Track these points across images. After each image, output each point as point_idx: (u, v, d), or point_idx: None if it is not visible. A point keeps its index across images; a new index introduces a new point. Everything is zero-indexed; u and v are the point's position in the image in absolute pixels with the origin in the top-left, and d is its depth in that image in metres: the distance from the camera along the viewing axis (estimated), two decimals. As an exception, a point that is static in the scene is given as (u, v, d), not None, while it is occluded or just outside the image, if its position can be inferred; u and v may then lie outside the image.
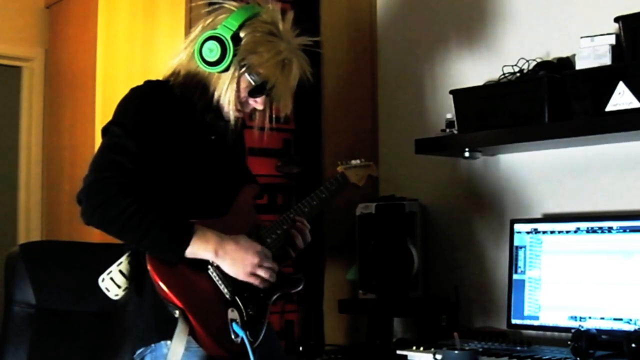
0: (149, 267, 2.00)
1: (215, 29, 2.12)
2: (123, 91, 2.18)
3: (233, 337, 2.02)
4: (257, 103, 2.19)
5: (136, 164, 2.01)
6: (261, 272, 2.09)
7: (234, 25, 2.11)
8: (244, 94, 2.17)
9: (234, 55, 2.10)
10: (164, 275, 2.00)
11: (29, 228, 3.93)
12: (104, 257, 2.14)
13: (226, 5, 2.19)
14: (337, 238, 3.40)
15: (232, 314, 2.05)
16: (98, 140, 2.13)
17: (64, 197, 3.69)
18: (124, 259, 2.11)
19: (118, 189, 1.97)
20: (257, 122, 2.27)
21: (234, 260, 2.06)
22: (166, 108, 2.12)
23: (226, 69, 2.11)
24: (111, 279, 2.10)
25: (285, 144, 3.27)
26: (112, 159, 2.00)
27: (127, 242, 2.07)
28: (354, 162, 2.56)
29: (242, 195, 2.26)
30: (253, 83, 2.15)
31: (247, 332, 2.04)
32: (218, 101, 2.15)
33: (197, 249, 2.02)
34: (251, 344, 2.04)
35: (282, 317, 3.16)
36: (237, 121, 2.21)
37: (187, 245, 2.00)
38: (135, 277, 2.10)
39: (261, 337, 2.10)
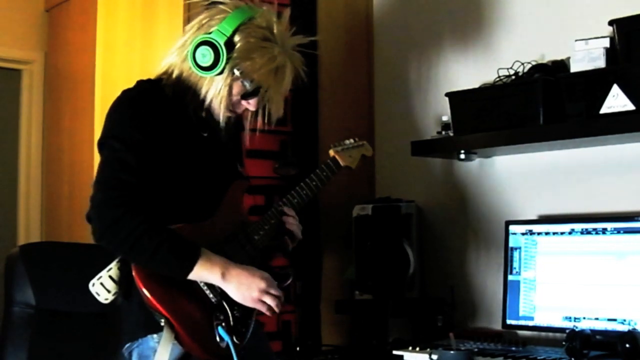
0: (134, 275, 2.03)
1: (209, 32, 2.12)
2: (122, 94, 2.20)
3: (218, 341, 2.04)
4: (250, 105, 2.20)
5: (139, 177, 2.02)
6: (268, 299, 2.09)
7: (228, 31, 2.10)
8: (236, 97, 2.17)
9: (227, 61, 2.10)
10: (148, 283, 2.02)
11: (29, 229, 3.95)
12: (103, 258, 2.15)
13: (221, 6, 2.17)
14: (333, 239, 3.41)
15: (218, 317, 2.07)
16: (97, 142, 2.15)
17: (64, 198, 3.72)
18: (113, 265, 2.13)
19: (126, 209, 1.98)
20: (250, 123, 2.27)
21: (240, 285, 2.06)
22: (157, 110, 2.12)
23: (219, 74, 2.12)
24: (101, 284, 2.12)
25: (282, 146, 3.27)
26: (116, 177, 2.01)
27: (134, 262, 2.07)
28: (347, 142, 2.50)
29: (231, 191, 2.26)
30: (246, 88, 2.15)
31: (233, 336, 2.05)
32: (210, 103, 2.16)
33: (203, 273, 2.03)
34: (237, 346, 2.05)
35: (279, 317, 3.17)
36: (228, 120, 2.21)
37: (190, 269, 2.01)
38: (124, 283, 2.11)
39: (247, 338, 2.11)
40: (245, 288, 2.06)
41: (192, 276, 2.03)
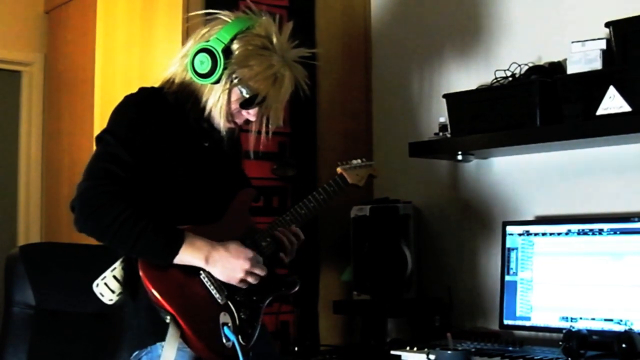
0: (141, 274, 2.03)
1: (208, 41, 2.15)
2: (121, 96, 2.21)
3: (224, 341, 2.04)
4: (250, 114, 2.21)
5: (128, 172, 2.03)
6: (250, 279, 2.12)
7: (226, 38, 2.13)
8: (235, 105, 2.19)
9: (225, 68, 2.12)
10: (155, 281, 2.03)
11: (29, 230, 3.95)
12: (103, 259, 2.16)
13: (221, 17, 2.20)
14: (331, 240, 3.42)
15: (224, 317, 2.08)
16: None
17: (63, 199, 3.71)
18: (117, 265, 2.14)
19: (110, 196, 1.99)
20: (254, 127, 2.27)
21: (224, 268, 2.08)
22: (158, 116, 2.14)
23: (217, 81, 2.13)
24: (105, 284, 2.13)
25: (280, 148, 3.29)
26: (104, 167, 2.03)
27: (118, 249, 2.09)
28: (354, 162, 2.55)
29: (237, 199, 2.28)
30: (244, 96, 2.16)
31: (239, 336, 2.06)
32: (210, 112, 2.18)
33: (187, 257, 2.04)
34: (243, 347, 2.06)
35: (278, 317, 3.18)
36: (231, 131, 2.23)
37: (176, 253, 2.02)
38: (130, 283, 2.12)
39: (254, 340, 2.12)
40: (229, 270, 2.08)
41: (176, 260, 2.04)
